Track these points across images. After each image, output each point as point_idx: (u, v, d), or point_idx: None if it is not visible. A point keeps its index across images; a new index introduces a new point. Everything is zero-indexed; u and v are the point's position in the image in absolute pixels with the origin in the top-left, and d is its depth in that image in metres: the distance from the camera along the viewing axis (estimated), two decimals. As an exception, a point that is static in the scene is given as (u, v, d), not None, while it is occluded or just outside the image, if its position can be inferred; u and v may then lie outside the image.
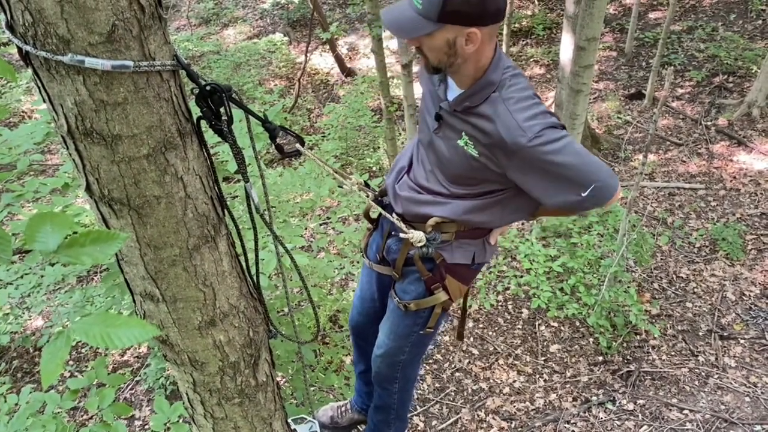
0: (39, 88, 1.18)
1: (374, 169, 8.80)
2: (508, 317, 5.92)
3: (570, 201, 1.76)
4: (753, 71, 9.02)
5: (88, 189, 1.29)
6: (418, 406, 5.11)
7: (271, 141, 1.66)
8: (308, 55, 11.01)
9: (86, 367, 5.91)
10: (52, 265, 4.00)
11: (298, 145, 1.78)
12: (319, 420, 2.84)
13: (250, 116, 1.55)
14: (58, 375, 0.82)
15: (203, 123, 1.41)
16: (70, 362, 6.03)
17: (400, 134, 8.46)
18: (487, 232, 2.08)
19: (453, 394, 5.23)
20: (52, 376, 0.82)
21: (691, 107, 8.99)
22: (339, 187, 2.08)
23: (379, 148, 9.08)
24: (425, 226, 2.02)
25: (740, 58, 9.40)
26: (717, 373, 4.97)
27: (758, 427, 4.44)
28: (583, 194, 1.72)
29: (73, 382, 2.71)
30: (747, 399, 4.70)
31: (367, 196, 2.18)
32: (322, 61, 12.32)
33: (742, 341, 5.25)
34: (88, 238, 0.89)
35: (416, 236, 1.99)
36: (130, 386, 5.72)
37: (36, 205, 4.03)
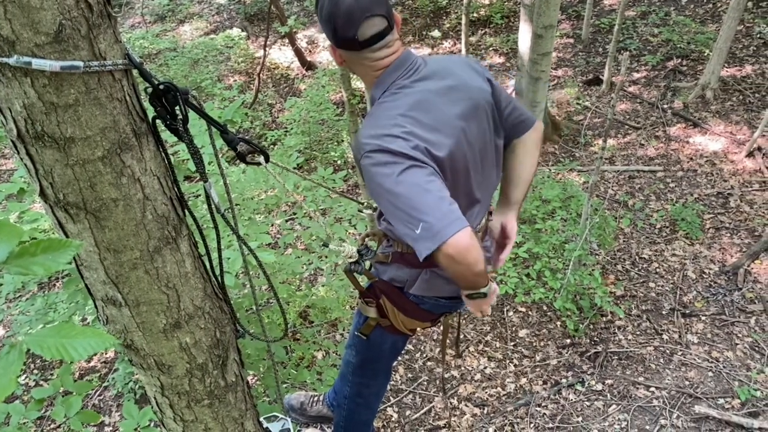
0: (-16, 91, 1.14)
1: (339, 162, 8.77)
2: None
3: (407, 235, 1.60)
4: (705, 54, 9.24)
5: (42, 194, 1.26)
6: (391, 397, 5.13)
7: (233, 151, 1.62)
8: (267, 49, 10.89)
9: (52, 375, 5.78)
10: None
11: (261, 159, 1.70)
12: (289, 402, 2.88)
13: (209, 122, 1.52)
14: (12, 390, 0.80)
15: (159, 122, 1.38)
16: (35, 371, 5.90)
17: (363, 127, 8.43)
18: (423, 264, 1.86)
19: (425, 383, 5.27)
20: (5, 392, 0.79)
21: (647, 91, 9.17)
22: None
23: (343, 141, 9.05)
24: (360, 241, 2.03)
25: (693, 41, 9.62)
26: (681, 350, 5.10)
27: (721, 401, 4.58)
28: (416, 231, 1.55)
29: (38, 391, 2.65)
30: (710, 374, 4.83)
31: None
32: (282, 55, 12.21)
33: (703, 318, 5.40)
34: (39, 247, 0.86)
35: (347, 250, 1.97)
36: (98, 392, 5.62)
37: (-9, 212, 3.92)
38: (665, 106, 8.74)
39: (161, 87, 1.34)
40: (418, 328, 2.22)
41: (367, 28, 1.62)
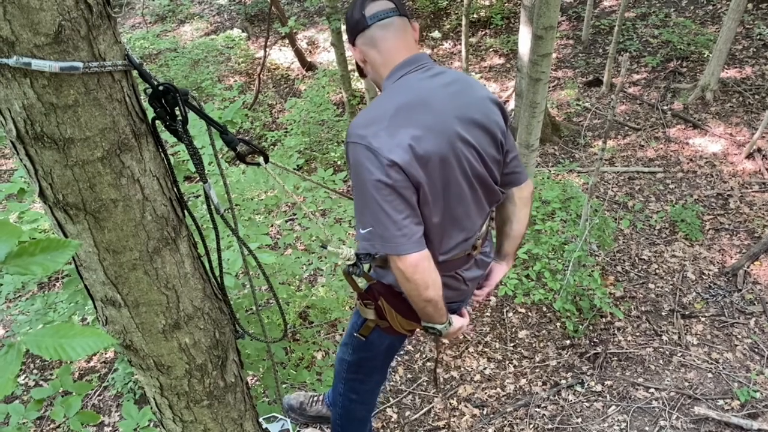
0: (-16, 92, 1.14)
1: (339, 163, 8.77)
2: (477, 306, 5.97)
3: (358, 232, 1.74)
4: (705, 56, 9.24)
5: (42, 194, 1.26)
6: (390, 398, 5.13)
7: (233, 151, 1.62)
8: (267, 50, 10.90)
9: (51, 375, 5.78)
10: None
11: (261, 160, 1.71)
12: (288, 402, 2.87)
13: (209, 123, 1.52)
14: (11, 390, 0.79)
15: (159, 123, 1.38)
16: (34, 371, 5.89)
17: (363, 127, 8.43)
18: None
19: (425, 384, 5.26)
20: (4, 392, 0.79)
21: (647, 92, 9.17)
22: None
23: (343, 142, 9.05)
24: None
25: (693, 43, 9.62)
26: (680, 351, 5.10)
27: (720, 402, 4.57)
28: (361, 230, 1.70)
29: (38, 391, 2.65)
30: (709, 375, 4.83)
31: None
32: (282, 56, 12.21)
33: (703, 319, 5.39)
34: (38, 247, 0.86)
35: (345, 253, 1.97)
36: (98, 392, 5.62)
37: (-9, 212, 3.91)
38: (665, 107, 8.74)
39: (161, 88, 1.34)
40: (417, 329, 2.22)
41: (374, 7, 1.75)
